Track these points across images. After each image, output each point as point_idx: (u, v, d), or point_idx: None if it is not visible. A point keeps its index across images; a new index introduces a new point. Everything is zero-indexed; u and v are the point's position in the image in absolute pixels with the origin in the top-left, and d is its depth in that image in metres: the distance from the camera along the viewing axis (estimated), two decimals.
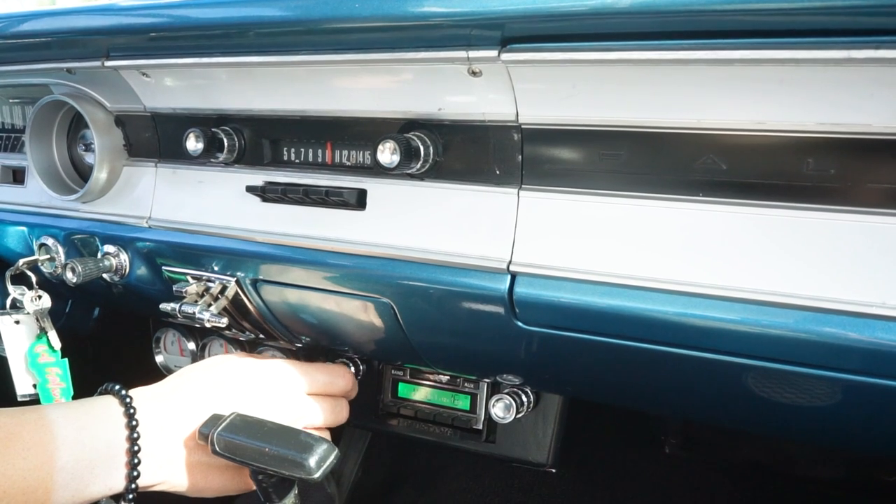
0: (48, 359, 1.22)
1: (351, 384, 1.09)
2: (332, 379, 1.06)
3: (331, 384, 1.05)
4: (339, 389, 1.07)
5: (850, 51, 0.60)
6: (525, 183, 0.83)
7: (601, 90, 0.75)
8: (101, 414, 0.85)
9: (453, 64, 0.79)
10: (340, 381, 1.07)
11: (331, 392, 1.05)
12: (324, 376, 1.05)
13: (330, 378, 1.06)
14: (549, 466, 1.14)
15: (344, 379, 1.08)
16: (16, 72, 1.20)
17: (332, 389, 1.06)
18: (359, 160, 0.94)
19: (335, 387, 1.06)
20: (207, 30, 0.92)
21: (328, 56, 0.86)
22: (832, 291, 0.68)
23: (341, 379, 1.07)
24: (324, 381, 1.04)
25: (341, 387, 1.07)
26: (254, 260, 1.02)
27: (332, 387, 1.06)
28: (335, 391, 1.06)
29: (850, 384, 0.71)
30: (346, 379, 1.08)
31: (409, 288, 0.90)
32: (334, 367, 1.11)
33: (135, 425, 0.84)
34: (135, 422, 0.85)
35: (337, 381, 1.07)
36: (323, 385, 1.04)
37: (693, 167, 0.74)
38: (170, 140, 1.09)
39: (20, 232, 1.27)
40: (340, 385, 1.07)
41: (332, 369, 1.08)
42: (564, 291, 0.80)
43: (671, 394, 0.91)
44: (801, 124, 0.68)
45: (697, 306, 0.74)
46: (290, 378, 1.01)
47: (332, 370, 1.08)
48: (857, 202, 0.67)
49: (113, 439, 0.84)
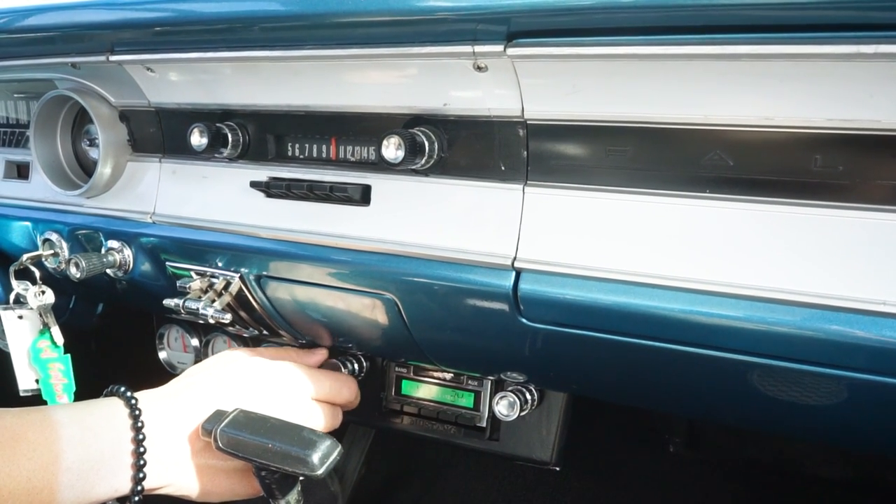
0: (51, 354, 1.22)
1: (355, 395, 1.09)
2: (338, 387, 1.05)
3: (336, 393, 1.05)
4: (343, 399, 1.06)
5: (859, 46, 0.60)
6: (530, 179, 0.82)
7: (607, 85, 0.75)
8: (107, 415, 0.85)
9: (459, 59, 0.79)
10: (346, 392, 1.07)
11: (335, 401, 1.05)
12: (331, 383, 1.04)
13: (337, 386, 1.05)
14: (553, 465, 1.14)
15: (349, 389, 1.07)
16: (20, 66, 1.19)
17: (337, 398, 1.05)
18: (363, 156, 0.94)
19: (340, 396, 1.06)
20: (212, 24, 0.92)
21: (333, 51, 0.86)
22: (838, 289, 0.67)
23: (347, 389, 1.07)
24: (330, 388, 1.04)
25: (346, 397, 1.07)
26: (258, 256, 1.01)
27: (338, 396, 1.05)
28: (339, 401, 1.06)
29: (856, 382, 0.70)
30: (351, 390, 1.08)
31: (414, 284, 0.90)
32: (342, 376, 1.10)
33: (140, 426, 0.84)
34: (140, 423, 0.84)
35: (342, 391, 1.06)
36: (328, 392, 1.04)
37: (700, 163, 0.73)
38: (174, 135, 1.09)
39: (24, 227, 1.27)
40: (345, 395, 1.07)
41: (339, 378, 1.08)
42: (569, 288, 0.80)
43: (676, 392, 0.91)
44: (809, 120, 0.67)
45: (703, 303, 0.73)
46: (298, 382, 1.01)
47: (340, 379, 1.08)
48: (865, 199, 0.67)
49: (118, 441, 0.83)
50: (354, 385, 1.09)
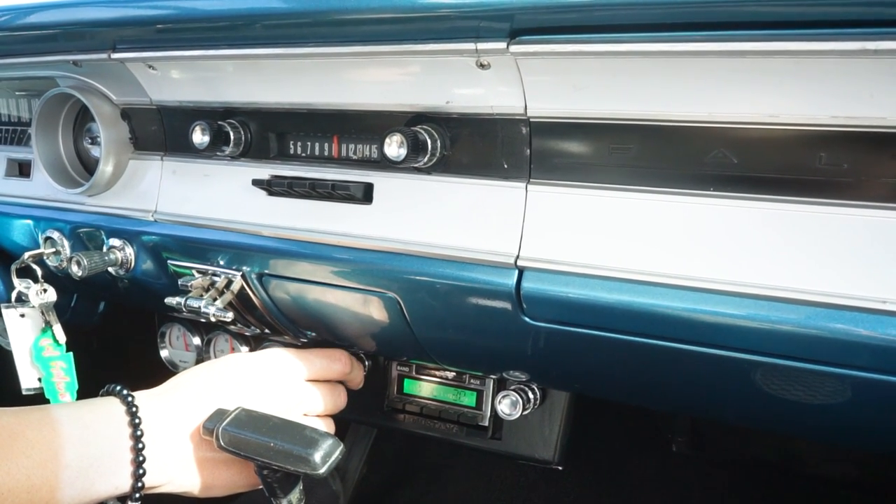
0: (53, 352, 1.22)
1: (348, 366, 1.09)
2: (328, 362, 1.06)
3: (328, 368, 1.06)
4: (336, 373, 1.07)
5: (864, 42, 0.60)
6: (533, 177, 0.82)
7: (611, 83, 0.74)
8: (105, 413, 0.85)
9: (461, 56, 0.79)
10: (337, 365, 1.07)
11: (328, 377, 1.06)
12: (320, 360, 1.05)
13: (327, 362, 1.06)
14: (556, 464, 1.14)
15: (340, 362, 1.08)
16: (22, 64, 1.19)
17: (330, 373, 1.06)
18: (365, 154, 0.94)
19: (332, 370, 1.06)
20: (214, 21, 0.92)
21: (335, 48, 0.86)
22: (843, 287, 0.67)
23: (337, 362, 1.07)
24: (321, 365, 1.05)
25: (338, 370, 1.07)
26: (260, 254, 1.01)
27: (330, 371, 1.06)
28: (332, 375, 1.06)
29: (860, 381, 0.70)
30: (342, 362, 1.08)
31: (416, 283, 0.90)
32: (330, 350, 1.10)
33: (137, 423, 0.84)
34: (137, 419, 0.84)
35: (334, 365, 1.07)
36: (320, 369, 1.04)
37: (704, 161, 0.73)
38: (176, 133, 1.09)
39: (26, 225, 1.27)
40: (337, 368, 1.07)
41: (328, 353, 1.08)
42: (573, 287, 0.79)
43: (679, 391, 0.90)
44: (814, 118, 0.67)
45: (706, 302, 0.73)
46: (288, 364, 1.01)
47: (329, 354, 1.08)
48: (869, 197, 0.66)
49: (117, 438, 0.83)
50: (345, 356, 1.09)
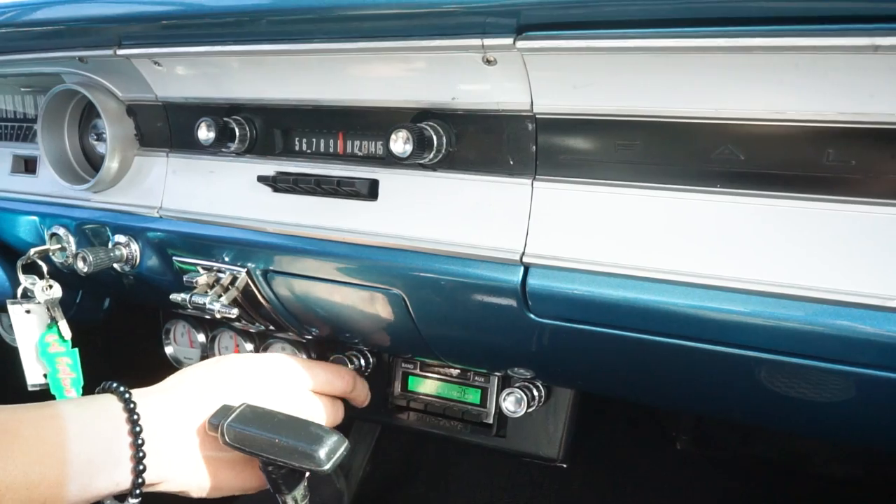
0: (59, 348, 1.22)
1: (351, 385, 1.08)
2: (332, 377, 1.05)
3: (331, 382, 1.05)
4: (338, 389, 1.06)
5: (874, 38, 0.59)
6: (539, 173, 0.82)
7: (617, 79, 0.74)
8: (103, 409, 0.85)
9: (467, 52, 0.78)
10: (339, 382, 1.06)
11: (330, 391, 1.05)
12: (325, 374, 1.04)
13: (331, 376, 1.05)
14: (560, 461, 1.14)
15: (344, 379, 1.07)
16: (28, 60, 1.19)
17: (332, 388, 1.05)
18: (371, 150, 0.93)
19: (334, 386, 1.05)
20: (220, 17, 0.92)
21: (341, 44, 0.86)
22: (849, 284, 0.67)
23: (341, 379, 1.07)
24: (325, 378, 1.04)
25: (340, 387, 1.06)
26: (265, 250, 1.01)
27: (332, 386, 1.05)
28: (334, 391, 1.06)
29: (865, 378, 0.70)
30: (345, 380, 1.07)
31: (421, 279, 0.90)
32: (335, 366, 1.10)
33: (136, 419, 0.84)
34: (136, 416, 0.84)
35: (336, 381, 1.06)
36: (323, 383, 1.03)
37: (710, 158, 0.73)
38: (181, 129, 1.09)
39: (31, 221, 1.27)
40: (339, 385, 1.06)
41: (332, 368, 1.08)
42: (578, 283, 0.79)
43: (684, 388, 0.90)
44: (821, 114, 0.67)
45: (712, 299, 0.73)
46: (293, 373, 1.01)
47: (333, 369, 1.08)
48: (877, 194, 0.66)
49: (116, 434, 0.83)
50: (349, 374, 1.09)
